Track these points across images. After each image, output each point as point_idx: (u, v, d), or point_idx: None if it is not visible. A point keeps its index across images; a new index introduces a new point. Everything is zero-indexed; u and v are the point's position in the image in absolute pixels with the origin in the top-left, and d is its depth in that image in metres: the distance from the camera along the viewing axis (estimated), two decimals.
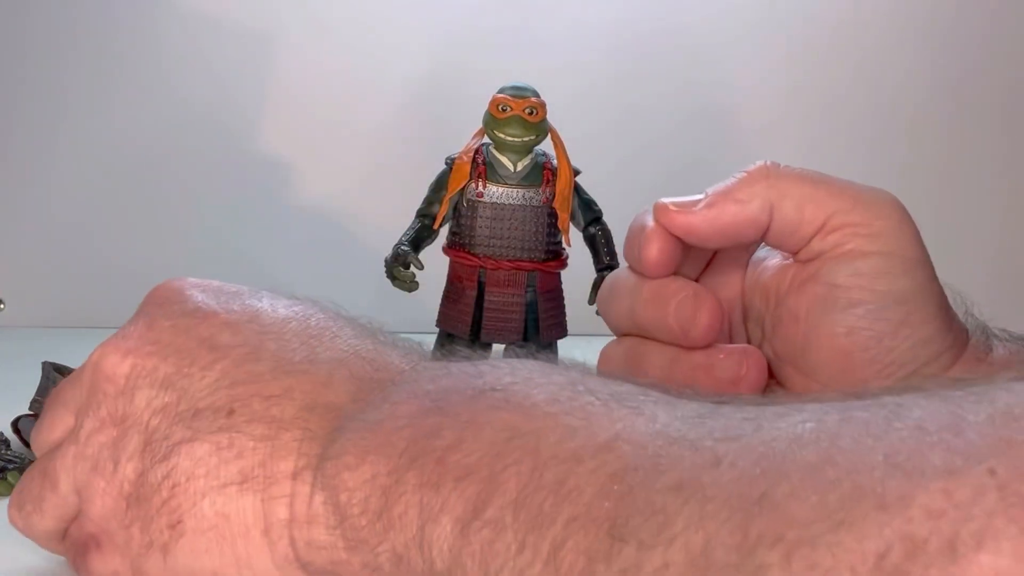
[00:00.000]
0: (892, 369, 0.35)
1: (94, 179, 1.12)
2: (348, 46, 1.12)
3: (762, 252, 0.41)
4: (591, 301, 0.61)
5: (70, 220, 1.12)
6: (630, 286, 0.38)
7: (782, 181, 0.36)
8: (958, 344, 0.36)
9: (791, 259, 0.38)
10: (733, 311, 0.40)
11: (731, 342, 0.40)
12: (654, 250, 0.36)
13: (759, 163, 0.37)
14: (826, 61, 1.13)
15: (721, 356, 0.36)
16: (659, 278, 0.37)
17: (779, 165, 0.37)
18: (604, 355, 0.40)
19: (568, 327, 0.63)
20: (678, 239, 0.37)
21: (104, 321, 1.09)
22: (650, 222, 0.37)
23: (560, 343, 0.63)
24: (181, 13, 1.11)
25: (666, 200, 0.38)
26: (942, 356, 0.35)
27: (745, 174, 0.37)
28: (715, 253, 0.41)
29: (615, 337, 0.41)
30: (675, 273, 0.38)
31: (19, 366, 0.73)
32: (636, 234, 0.38)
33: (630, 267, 0.39)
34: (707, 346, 0.36)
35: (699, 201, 0.37)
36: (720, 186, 0.37)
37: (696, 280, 0.40)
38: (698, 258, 0.40)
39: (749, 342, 0.40)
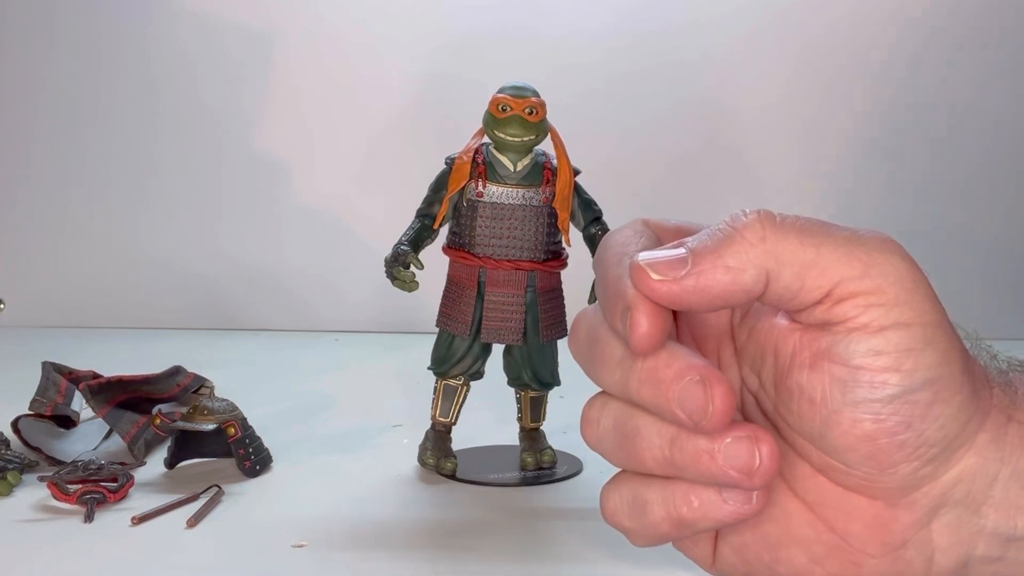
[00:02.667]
0: (923, 451, 0.33)
1: (94, 180, 1.12)
2: (348, 46, 1.12)
3: None
4: (591, 301, 0.61)
5: (70, 220, 1.12)
6: (617, 357, 0.34)
7: (779, 245, 0.32)
8: (982, 405, 0.34)
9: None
10: (723, 343, 0.37)
11: (721, 369, 0.36)
12: (643, 326, 0.32)
13: (752, 216, 0.32)
14: (825, 62, 1.13)
15: (728, 440, 0.32)
16: (651, 354, 0.33)
17: (774, 219, 0.32)
18: (588, 419, 0.36)
19: (568, 327, 0.63)
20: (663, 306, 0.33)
21: (104, 321, 1.10)
22: (629, 288, 0.32)
23: (560, 343, 0.63)
24: (181, 14, 1.11)
25: (643, 259, 0.32)
26: (971, 423, 0.33)
27: (735, 232, 0.32)
28: None
29: (600, 390, 0.36)
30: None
31: (19, 366, 0.73)
32: (614, 300, 0.33)
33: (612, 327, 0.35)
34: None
35: (683, 261, 0.32)
36: (706, 240, 0.32)
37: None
38: None
39: (744, 383, 0.36)
